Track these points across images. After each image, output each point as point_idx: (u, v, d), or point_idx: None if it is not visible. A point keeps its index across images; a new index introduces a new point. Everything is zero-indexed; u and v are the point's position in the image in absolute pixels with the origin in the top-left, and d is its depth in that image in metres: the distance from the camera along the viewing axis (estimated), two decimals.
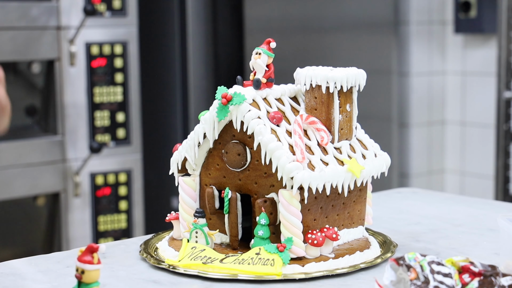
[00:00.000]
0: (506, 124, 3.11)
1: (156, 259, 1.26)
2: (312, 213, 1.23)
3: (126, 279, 1.20)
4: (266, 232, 1.22)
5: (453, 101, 3.80)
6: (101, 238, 3.09)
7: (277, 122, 1.24)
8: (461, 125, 3.77)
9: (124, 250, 1.34)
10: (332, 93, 1.27)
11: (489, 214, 1.59)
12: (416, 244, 1.37)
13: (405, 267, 0.96)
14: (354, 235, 1.32)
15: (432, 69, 3.77)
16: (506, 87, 3.09)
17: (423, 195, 1.83)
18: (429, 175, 3.83)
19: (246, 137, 1.24)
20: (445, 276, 0.95)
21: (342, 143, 1.29)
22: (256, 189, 1.25)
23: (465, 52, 3.71)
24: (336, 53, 3.53)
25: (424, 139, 3.80)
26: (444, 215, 1.59)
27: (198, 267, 1.20)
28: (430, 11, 3.73)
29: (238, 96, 1.23)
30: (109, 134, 3.09)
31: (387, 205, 1.70)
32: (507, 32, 3.06)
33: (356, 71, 1.30)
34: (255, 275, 1.17)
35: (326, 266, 1.20)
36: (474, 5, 3.55)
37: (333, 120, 1.27)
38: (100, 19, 3.04)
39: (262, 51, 1.27)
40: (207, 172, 1.30)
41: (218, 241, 1.30)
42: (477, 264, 0.98)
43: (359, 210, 1.33)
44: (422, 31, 3.71)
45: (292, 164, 1.19)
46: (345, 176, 1.25)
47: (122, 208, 3.13)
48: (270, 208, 1.23)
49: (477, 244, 1.38)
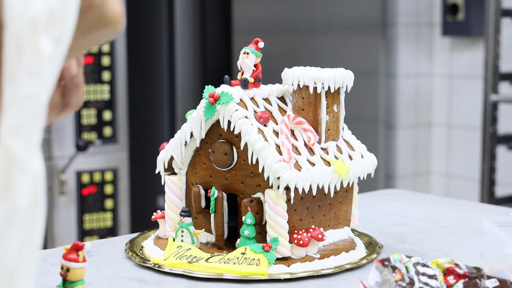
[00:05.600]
0: (492, 127, 3.12)
1: (142, 258, 1.26)
2: (298, 213, 1.23)
3: (111, 277, 1.19)
4: (252, 232, 1.22)
5: (440, 103, 3.81)
6: (87, 237, 3.08)
7: (264, 122, 1.24)
8: (448, 128, 3.78)
9: (109, 249, 1.34)
10: (319, 94, 1.27)
11: (474, 217, 1.59)
12: (401, 245, 1.37)
13: (390, 268, 0.96)
14: (340, 235, 1.32)
15: (419, 71, 3.78)
16: (492, 90, 3.10)
17: (409, 197, 1.83)
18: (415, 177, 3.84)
19: (233, 137, 1.24)
20: (430, 278, 0.96)
21: (329, 144, 1.29)
22: (242, 189, 1.25)
23: (452, 54, 3.72)
24: (324, 54, 3.54)
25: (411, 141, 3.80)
26: (430, 217, 1.60)
27: (183, 266, 1.20)
28: (418, 13, 3.74)
29: (225, 96, 1.23)
30: (96, 132, 3.08)
31: (373, 206, 1.70)
32: (494, 35, 3.07)
33: (344, 72, 1.30)
34: (240, 275, 1.17)
35: (312, 267, 1.20)
36: (462, 8, 3.56)
37: (320, 120, 1.27)
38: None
39: (250, 50, 1.27)
40: (194, 171, 1.30)
41: (204, 241, 1.30)
42: (462, 266, 0.98)
43: (345, 211, 1.33)
44: (409, 33, 3.72)
45: (279, 164, 1.19)
46: (331, 177, 1.25)
47: (108, 207, 3.12)
48: (256, 208, 1.22)
49: (462, 246, 1.38)
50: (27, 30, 0.59)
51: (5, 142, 0.59)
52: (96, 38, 0.67)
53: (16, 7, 0.59)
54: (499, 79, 3.12)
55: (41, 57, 0.59)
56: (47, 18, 0.59)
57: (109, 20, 0.66)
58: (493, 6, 3.05)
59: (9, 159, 0.58)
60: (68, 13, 0.60)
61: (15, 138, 0.58)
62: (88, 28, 0.66)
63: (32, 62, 0.59)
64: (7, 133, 0.59)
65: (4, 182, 0.58)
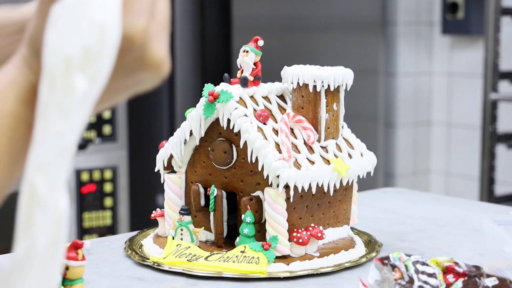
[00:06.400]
0: (491, 126, 3.12)
1: (141, 256, 1.25)
2: (298, 211, 1.23)
3: (111, 275, 1.19)
4: (252, 230, 1.22)
5: (439, 102, 3.81)
6: (86, 235, 3.08)
7: (263, 120, 1.24)
8: (447, 126, 3.78)
9: (108, 247, 1.34)
10: (319, 92, 1.27)
11: (473, 215, 1.59)
12: (401, 244, 1.37)
13: (389, 266, 0.96)
14: (339, 234, 1.32)
15: (419, 70, 3.78)
16: (492, 89, 3.10)
17: (408, 195, 1.83)
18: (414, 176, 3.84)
19: (233, 135, 1.24)
20: (430, 276, 0.96)
21: (328, 142, 1.29)
22: (242, 187, 1.25)
23: (452, 53, 3.72)
24: (324, 52, 3.54)
25: (410, 140, 3.80)
26: (429, 215, 1.60)
27: (182, 264, 1.20)
28: (418, 11, 3.74)
29: (225, 94, 1.23)
30: (95, 130, 3.08)
31: (372, 204, 1.70)
32: (494, 34, 3.07)
33: (344, 70, 1.30)
34: (240, 273, 1.17)
35: (311, 265, 1.20)
36: (461, 6, 3.56)
37: (319, 119, 1.27)
38: None
39: (249, 49, 1.27)
40: (193, 169, 1.30)
41: (203, 239, 1.30)
42: (462, 264, 0.98)
43: (344, 209, 1.33)
44: (409, 31, 3.72)
45: (278, 163, 1.19)
46: (331, 175, 1.25)
47: (107, 205, 3.12)
48: (256, 206, 1.22)
49: (462, 244, 1.38)
50: (60, 67, 0.58)
51: (30, 178, 0.58)
52: (138, 81, 0.65)
53: (52, 43, 0.59)
54: (498, 78, 3.12)
55: (74, 95, 0.58)
56: (83, 56, 0.58)
57: (150, 63, 0.63)
58: (492, 4, 3.05)
59: (33, 196, 0.58)
60: (105, 52, 0.59)
61: (40, 175, 0.58)
62: (128, 70, 0.63)
63: (64, 99, 0.58)
64: (33, 169, 0.58)
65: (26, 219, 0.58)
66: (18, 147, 0.63)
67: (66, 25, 0.59)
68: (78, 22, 0.59)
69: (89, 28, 0.58)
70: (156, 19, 0.64)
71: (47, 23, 0.60)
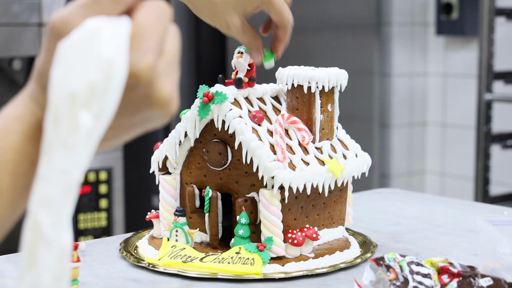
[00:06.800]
0: (486, 126, 3.12)
1: (136, 257, 1.25)
2: (293, 212, 1.23)
3: (106, 277, 1.19)
4: (246, 231, 1.22)
5: (434, 102, 3.81)
6: (81, 236, 3.08)
7: (258, 121, 1.24)
8: (442, 127, 3.78)
9: (104, 248, 1.34)
10: (313, 93, 1.27)
11: (468, 215, 1.59)
12: (395, 244, 1.38)
13: (384, 267, 0.96)
14: (334, 235, 1.32)
15: (414, 71, 3.78)
16: (486, 89, 3.10)
17: (403, 196, 1.83)
18: (409, 176, 3.84)
19: (227, 136, 1.24)
20: (424, 277, 0.96)
21: (323, 143, 1.29)
22: (236, 188, 1.25)
23: (446, 53, 3.72)
24: (318, 53, 3.54)
25: (405, 140, 3.81)
26: (424, 216, 1.60)
27: (178, 265, 1.20)
28: (412, 12, 3.75)
29: (219, 95, 1.23)
30: None
31: (367, 205, 1.70)
32: (488, 34, 3.08)
33: (338, 71, 1.30)
34: (235, 274, 1.17)
35: (306, 266, 1.20)
36: (455, 7, 3.57)
37: (314, 120, 1.27)
38: None
39: (244, 50, 1.27)
40: (188, 170, 1.30)
41: (198, 240, 1.30)
42: (456, 265, 0.98)
43: (339, 210, 1.33)
44: (404, 32, 3.73)
45: (273, 164, 1.19)
46: (325, 176, 1.25)
47: (102, 206, 3.12)
48: (251, 207, 1.23)
49: (456, 245, 1.38)
50: (66, 104, 0.58)
51: (34, 214, 0.58)
52: (146, 118, 0.64)
53: (58, 79, 0.59)
54: (493, 78, 3.12)
55: (79, 132, 0.58)
56: (89, 93, 0.58)
57: (157, 101, 0.62)
58: (487, 5, 3.06)
59: (36, 233, 0.58)
60: (111, 89, 0.58)
61: (44, 212, 0.58)
62: (135, 107, 0.62)
63: (68, 136, 0.58)
64: (37, 206, 0.58)
65: (29, 256, 0.58)
66: (21, 183, 0.63)
67: (72, 61, 0.58)
68: (85, 58, 0.58)
69: (96, 64, 0.58)
70: (165, 56, 0.63)
71: (54, 59, 0.60)
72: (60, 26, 0.61)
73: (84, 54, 0.58)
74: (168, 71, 0.63)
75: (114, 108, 0.60)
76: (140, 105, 0.62)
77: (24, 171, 0.63)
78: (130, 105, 0.62)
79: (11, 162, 0.62)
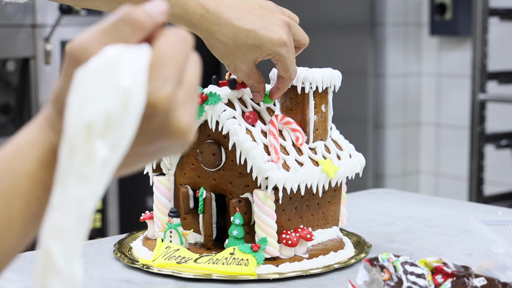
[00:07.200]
0: (480, 126, 3.13)
1: (130, 258, 1.25)
2: (287, 213, 1.23)
3: (100, 278, 1.19)
4: (241, 232, 1.21)
5: (428, 102, 3.82)
6: None
7: (252, 122, 1.24)
8: (436, 127, 3.79)
9: (98, 250, 1.34)
10: (307, 94, 1.27)
11: (462, 215, 1.59)
12: (390, 244, 1.38)
13: (378, 267, 0.96)
14: (329, 235, 1.32)
15: (408, 71, 3.79)
16: (480, 89, 3.11)
17: (397, 196, 1.83)
18: (404, 176, 3.85)
19: (221, 137, 1.24)
20: (418, 277, 0.96)
21: (317, 144, 1.29)
22: (230, 189, 1.25)
23: (440, 54, 3.73)
24: (312, 53, 3.54)
25: (399, 140, 3.81)
26: (418, 216, 1.60)
27: (172, 267, 1.20)
28: (406, 13, 3.75)
29: (213, 96, 1.23)
30: None
31: (361, 205, 1.70)
32: (482, 35, 3.08)
33: (332, 71, 1.30)
34: (229, 275, 1.17)
35: (300, 266, 1.20)
36: (449, 7, 3.57)
37: (308, 120, 1.27)
38: (76, 18, 3.02)
39: None
40: (182, 171, 1.30)
41: (193, 241, 1.30)
42: (450, 265, 0.99)
43: (333, 211, 1.33)
44: (397, 32, 3.73)
45: (267, 164, 1.19)
46: (319, 177, 1.25)
47: (97, 208, 3.12)
48: (245, 208, 1.22)
49: (450, 245, 1.38)
50: (81, 133, 0.57)
51: (46, 244, 0.57)
52: (162, 147, 0.63)
53: (74, 108, 0.58)
54: (486, 78, 3.13)
55: (94, 162, 0.57)
56: (105, 122, 0.57)
57: (174, 131, 0.62)
58: (480, 5, 3.06)
59: (48, 263, 0.57)
60: (128, 119, 0.58)
61: (56, 242, 0.57)
62: (152, 136, 0.62)
63: (83, 165, 0.57)
64: (49, 236, 0.57)
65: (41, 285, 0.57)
66: (33, 209, 0.62)
67: (89, 90, 0.58)
68: (102, 87, 0.57)
69: (113, 94, 0.57)
70: (184, 87, 0.62)
71: (71, 86, 0.59)
72: (79, 53, 0.60)
73: (102, 83, 0.58)
74: (186, 101, 0.62)
75: (131, 138, 0.59)
76: (157, 135, 0.62)
77: (37, 197, 0.62)
78: (147, 134, 0.61)
79: (24, 188, 0.61)
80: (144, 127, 0.61)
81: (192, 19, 1.16)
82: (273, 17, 1.19)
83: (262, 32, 1.16)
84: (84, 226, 0.58)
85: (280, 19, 1.19)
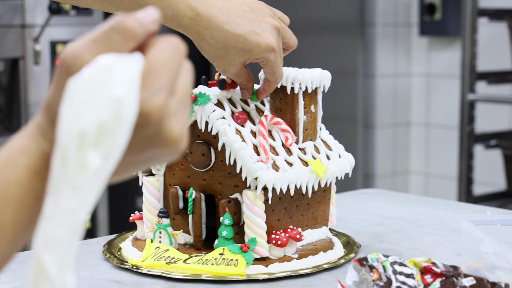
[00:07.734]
0: (469, 126, 3.14)
1: (120, 259, 1.25)
2: (276, 213, 1.23)
3: (89, 279, 1.19)
4: (230, 233, 1.21)
5: (418, 103, 3.82)
6: None
7: (241, 122, 1.24)
8: (426, 127, 3.80)
9: (87, 250, 1.33)
10: (296, 94, 1.27)
11: (452, 215, 1.60)
12: (379, 244, 1.38)
13: (367, 267, 0.97)
14: (318, 235, 1.33)
15: (397, 71, 3.79)
16: (470, 90, 3.12)
17: (387, 196, 1.84)
18: (393, 176, 3.85)
19: (211, 137, 1.24)
20: (408, 277, 0.96)
21: (306, 144, 1.29)
22: (220, 190, 1.25)
23: (429, 54, 3.74)
24: (302, 54, 3.54)
25: (389, 141, 3.82)
26: (408, 216, 1.60)
27: (161, 267, 1.20)
28: (396, 13, 3.76)
29: (202, 96, 1.23)
30: None
31: (351, 205, 1.71)
32: (471, 35, 3.09)
33: (321, 72, 1.30)
34: (218, 276, 1.17)
35: (290, 267, 1.20)
36: (439, 8, 3.58)
37: (297, 121, 1.27)
38: (66, 18, 3.01)
39: None
40: (171, 172, 1.30)
41: (182, 241, 1.30)
42: (439, 264, 0.99)
43: (323, 211, 1.33)
44: (387, 33, 3.74)
45: (257, 165, 1.19)
46: (309, 177, 1.25)
47: None
48: (234, 209, 1.22)
49: (440, 245, 1.39)
50: (74, 143, 0.57)
51: (38, 255, 0.57)
52: (154, 156, 0.64)
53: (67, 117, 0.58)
54: (476, 79, 3.14)
55: (86, 171, 0.57)
56: (98, 132, 0.57)
57: (166, 140, 0.62)
58: (469, 6, 3.07)
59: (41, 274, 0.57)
60: (120, 129, 0.58)
61: (49, 253, 0.57)
62: (144, 145, 0.62)
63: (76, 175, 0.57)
64: (41, 245, 0.57)
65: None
66: (24, 218, 0.61)
67: (82, 100, 0.58)
68: (95, 97, 0.57)
69: (106, 103, 0.57)
70: (176, 96, 0.62)
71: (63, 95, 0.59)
72: (71, 62, 0.60)
73: (95, 92, 0.57)
74: (179, 110, 0.62)
75: (123, 148, 0.59)
76: (149, 143, 0.62)
77: (28, 206, 0.61)
78: (139, 143, 0.61)
79: (15, 196, 0.61)
80: (136, 136, 0.61)
81: (182, 22, 1.16)
82: (263, 21, 1.19)
83: (251, 37, 1.17)
84: (76, 236, 0.58)
85: (270, 24, 1.19)
